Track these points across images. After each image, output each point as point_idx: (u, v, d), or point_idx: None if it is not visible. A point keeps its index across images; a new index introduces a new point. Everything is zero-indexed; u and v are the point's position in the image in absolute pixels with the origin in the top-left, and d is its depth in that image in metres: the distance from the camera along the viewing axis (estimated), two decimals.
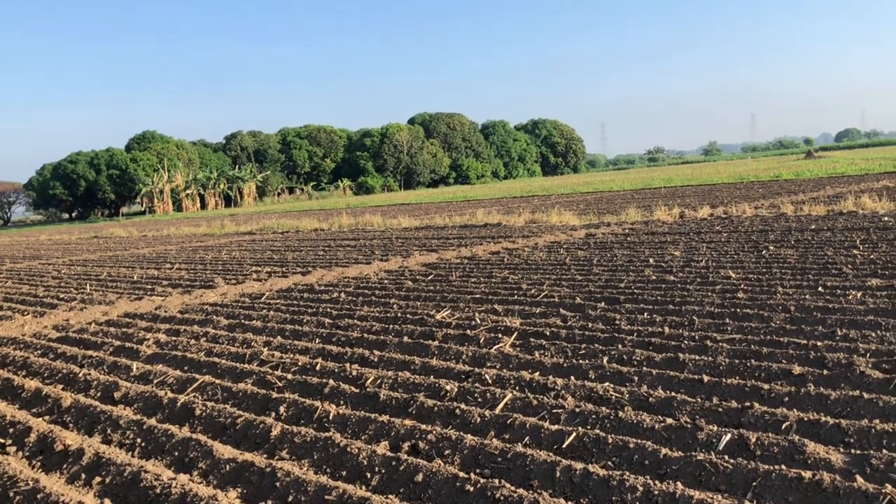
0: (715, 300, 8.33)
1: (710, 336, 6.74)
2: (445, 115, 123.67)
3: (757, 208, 20.35)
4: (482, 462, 4.45)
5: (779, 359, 5.92)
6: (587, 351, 6.70)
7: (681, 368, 5.97)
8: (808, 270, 9.79)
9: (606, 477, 3.92)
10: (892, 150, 73.79)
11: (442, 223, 25.58)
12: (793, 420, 4.55)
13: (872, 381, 5.18)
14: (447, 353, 7.14)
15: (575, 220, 21.95)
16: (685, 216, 20.15)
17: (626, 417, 4.85)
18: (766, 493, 3.70)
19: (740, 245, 13.04)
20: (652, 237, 15.77)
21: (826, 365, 5.64)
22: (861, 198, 18.64)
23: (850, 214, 16.59)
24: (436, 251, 16.46)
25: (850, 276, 9.09)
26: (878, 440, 4.19)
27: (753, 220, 17.52)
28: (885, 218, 15.16)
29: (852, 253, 10.92)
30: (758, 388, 5.23)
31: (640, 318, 7.86)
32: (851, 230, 13.73)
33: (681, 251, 12.92)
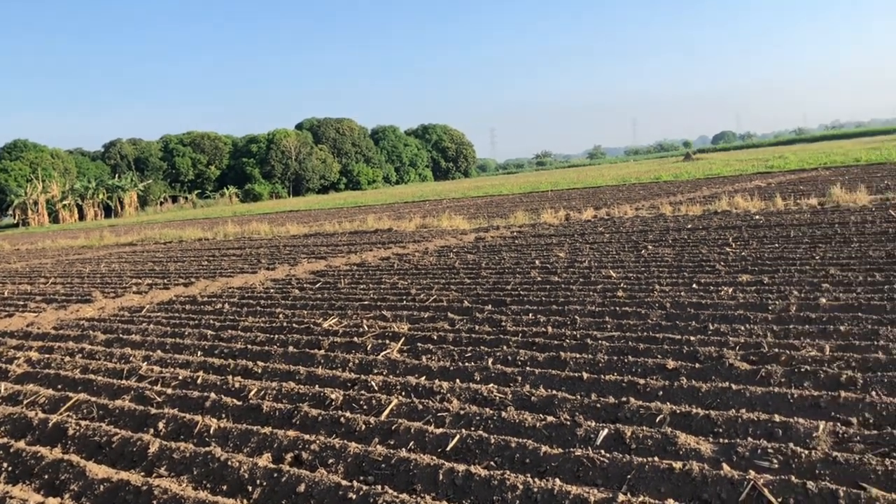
0: (596, 299, 8.60)
1: (591, 334, 6.96)
2: (334, 121, 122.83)
3: (638, 209, 21.14)
4: (366, 469, 4.44)
5: (654, 354, 6.17)
6: (473, 353, 6.78)
7: (562, 367, 6.13)
8: (683, 268, 10.25)
9: (488, 477, 3.99)
10: (765, 152, 78.11)
11: (332, 230, 25.38)
12: (666, 413, 4.75)
13: (740, 372, 5.47)
14: (333, 361, 7.09)
15: (465, 224, 22.21)
16: (570, 218, 20.71)
17: (508, 417, 4.95)
18: (640, 485, 3.85)
19: (621, 245, 13.51)
20: (539, 239, 16.13)
21: (698, 359, 5.91)
22: (734, 197, 19.64)
23: (724, 214, 17.46)
24: (325, 258, 16.31)
25: (723, 273, 9.56)
26: (745, 429, 4.43)
27: (634, 220, 18.19)
28: (756, 216, 16.02)
29: (725, 250, 11.50)
30: (634, 383, 5.43)
31: (526, 318, 8.03)
32: (725, 229, 14.45)
33: (565, 252, 13.27)
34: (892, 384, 4.87)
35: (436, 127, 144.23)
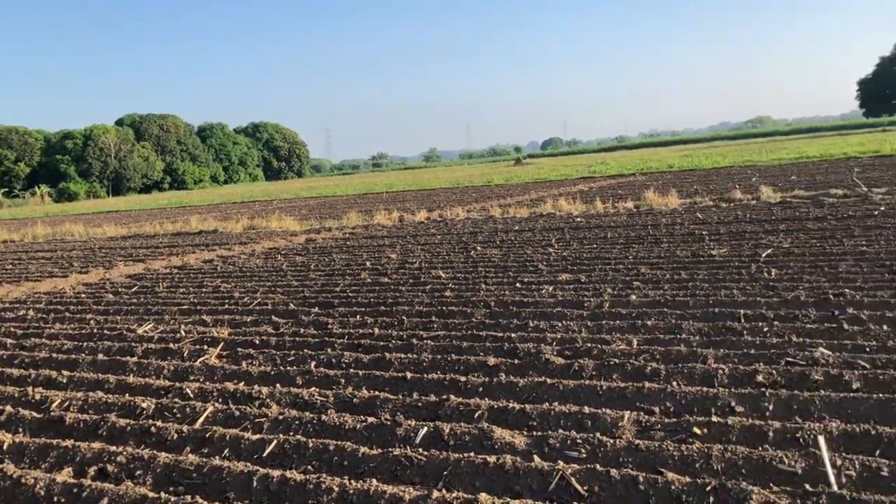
0: (424, 299, 8.71)
1: (417, 334, 7.04)
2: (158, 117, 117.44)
3: (469, 211, 21.64)
4: (176, 479, 4.26)
5: (477, 352, 6.32)
6: (296, 357, 6.68)
7: (387, 368, 6.16)
8: (509, 268, 10.58)
9: (304, 481, 3.93)
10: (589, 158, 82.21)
11: (153, 231, 24.23)
12: (485, 409, 4.88)
13: (556, 367, 5.71)
14: (147, 368, 6.76)
15: (296, 225, 21.87)
16: (404, 220, 20.88)
17: (329, 420, 4.90)
18: (455, 481, 3.93)
19: (452, 246, 13.77)
20: (371, 241, 16.15)
21: (518, 355, 6.12)
22: (559, 201, 20.52)
23: (549, 216, 18.20)
24: (143, 261, 15.54)
25: (545, 272, 9.95)
26: (557, 421, 4.62)
27: (465, 222, 18.61)
28: (578, 219, 16.82)
29: (548, 251, 11.98)
30: (456, 380, 5.54)
31: (353, 320, 8.00)
32: (549, 230, 15.07)
33: (397, 254, 13.36)
34: (691, 374, 5.24)
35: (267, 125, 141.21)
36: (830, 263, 8.80)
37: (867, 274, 8.12)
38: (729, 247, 10.76)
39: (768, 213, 14.33)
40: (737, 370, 5.20)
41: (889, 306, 6.63)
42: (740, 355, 5.57)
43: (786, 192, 17.83)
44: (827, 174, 23.34)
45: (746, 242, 11.03)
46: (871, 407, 4.40)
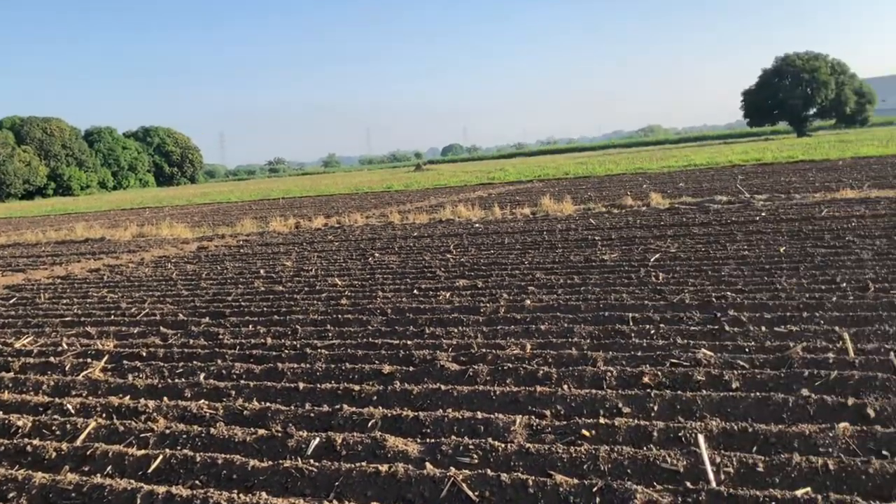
0: (320, 308, 8.63)
1: (311, 343, 6.97)
2: (41, 120, 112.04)
3: (368, 218, 21.58)
4: (53, 500, 4.07)
5: (372, 360, 6.31)
6: (185, 369, 6.50)
7: (279, 378, 6.07)
8: (406, 275, 10.60)
9: (190, 497, 3.83)
10: (489, 164, 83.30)
11: (34, 239, 23.12)
12: (378, 417, 4.87)
13: (451, 373, 5.75)
14: (24, 384, 6.44)
15: (188, 232, 21.30)
16: (301, 226, 20.63)
17: (218, 434, 4.79)
18: (348, 492, 3.90)
19: (349, 253, 13.69)
20: (266, 248, 15.88)
21: (413, 362, 6.13)
22: (458, 207, 20.71)
23: (448, 222, 18.35)
24: (23, 271, 14.81)
25: (443, 279, 10.02)
26: (451, 428, 4.66)
27: (364, 229, 18.54)
28: (476, 225, 17.02)
29: (446, 257, 12.07)
30: (350, 390, 5.51)
31: (245, 330, 7.85)
32: (448, 236, 15.18)
33: (293, 261, 13.19)
34: (581, 377, 5.38)
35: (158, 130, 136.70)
36: (714, 267, 9.19)
37: (748, 277, 8.52)
38: (620, 252, 11.10)
39: (657, 219, 14.86)
40: (624, 372, 5.36)
41: (767, 308, 6.97)
42: (628, 357, 5.75)
43: (674, 199, 18.53)
44: (713, 181, 24.39)
45: (636, 247, 11.40)
46: (749, 405, 4.62)
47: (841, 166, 26.38)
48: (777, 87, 72.55)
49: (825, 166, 27.14)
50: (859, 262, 8.77)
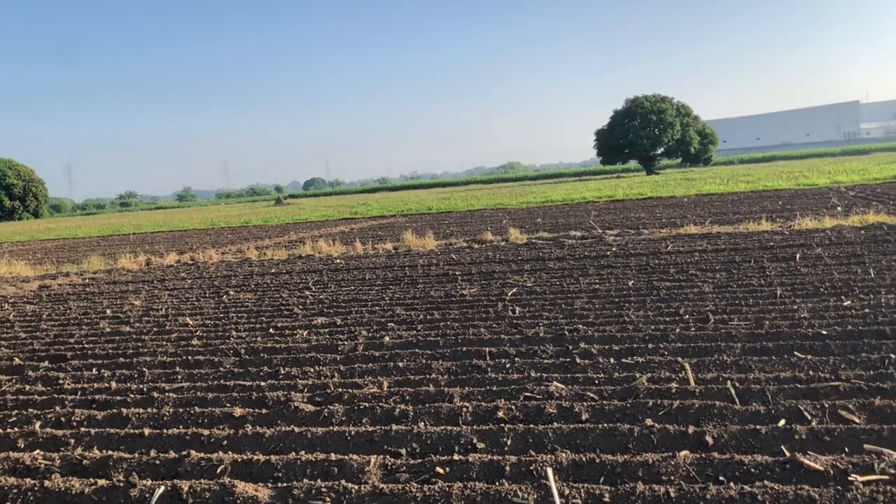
0: (169, 349, 8.31)
1: (159, 387, 6.69)
2: None
3: (224, 254, 21.02)
4: None
5: (223, 403, 6.12)
6: (19, 418, 6.09)
7: (123, 424, 5.78)
8: (262, 313, 10.39)
9: None
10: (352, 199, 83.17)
11: None
12: (228, 463, 4.72)
13: (305, 414, 5.66)
14: None
15: (29, 270, 20.04)
16: (152, 263, 19.84)
17: (53, 486, 4.50)
18: None
19: (203, 291, 13.28)
20: (114, 287, 15.16)
21: (266, 404, 6.00)
22: (318, 242, 20.52)
23: (308, 258, 18.14)
24: None
25: (300, 317, 9.88)
26: (304, 471, 4.57)
27: (219, 265, 18.03)
28: (337, 260, 16.91)
29: (305, 294, 11.92)
30: (199, 434, 5.32)
31: (88, 374, 7.45)
32: (307, 273, 15.00)
33: (142, 300, 12.65)
34: (437, 414, 5.42)
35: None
36: (567, 301, 9.52)
37: (598, 310, 8.88)
38: (479, 286, 11.32)
39: (516, 254, 15.27)
40: (480, 407, 5.45)
41: (616, 340, 7.28)
42: (484, 392, 5.85)
43: (531, 234, 19.12)
44: (568, 217, 25.35)
45: (495, 282, 11.66)
46: (598, 436, 4.79)
47: (686, 203, 28.02)
48: (627, 128, 76.56)
49: (671, 203, 28.76)
50: (701, 295, 9.31)
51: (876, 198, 22.97)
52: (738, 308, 8.33)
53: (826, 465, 4.05)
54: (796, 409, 4.98)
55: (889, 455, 4.15)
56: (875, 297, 8.28)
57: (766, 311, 8.12)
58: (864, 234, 13.77)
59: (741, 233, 15.92)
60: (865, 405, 4.94)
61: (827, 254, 11.84)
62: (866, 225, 15.24)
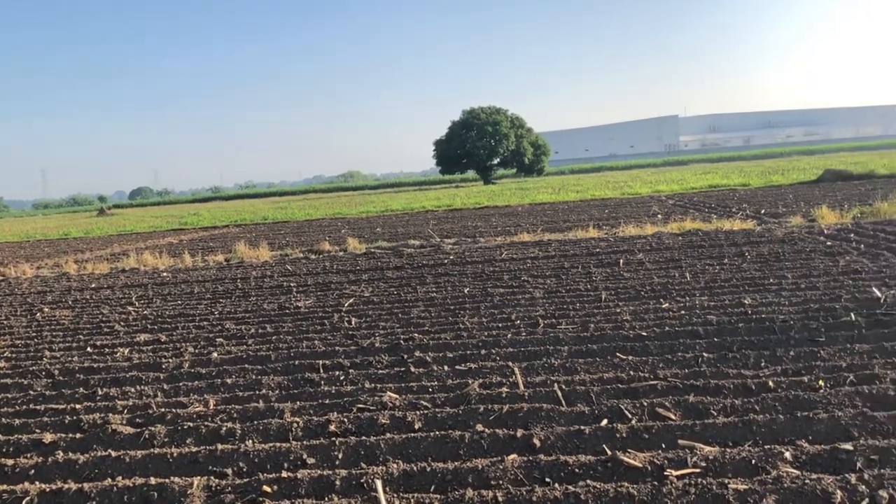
0: None
1: None
2: None
3: (39, 268, 19.66)
4: None
5: (32, 429, 5.70)
6: None
7: None
8: (80, 330, 9.77)
9: None
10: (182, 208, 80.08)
11: None
12: (34, 494, 4.38)
13: (124, 437, 5.36)
14: None
15: None
16: None
17: None
18: None
19: (13, 309, 12.34)
20: None
21: (81, 428, 5.63)
22: (144, 254, 19.58)
23: (133, 271, 17.26)
24: None
25: (122, 334, 9.38)
26: (120, 498, 4.32)
27: (33, 281, 16.84)
28: (164, 273, 16.19)
29: (127, 310, 11.32)
30: (2, 465, 4.91)
31: None
32: (131, 287, 14.27)
33: None
34: (267, 431, 5.28)
35: None
36: (404, 310, 9.57)
37: (434, 318, 8.97)
38: (315, 298, 11.17)
39: (353, 264, 15.20)
40: (311, 421, 5.36)
41: (450, 347, 7.39)
42: (316, 406, 5.76)
43: (370, 244, 19.11)
44: (407, 226, 25.55)
45: (331, 293, 11.55)
46: (430, 445, 4.82)
47: (520, 212, 28.95)
48: (465, 138, 78.21)
49: (507, 212, 29.62)
50: (532, 301, 9.62)
51: (693, 206, 24.63)
52: (566, 312, 8.67)
53: (644, 462, 4.27)
54: (618, 408, 5.23)
55: (700, 449, 4.43)
56: (690, 299, 8.85)
57: (592, 314, 8.50)
58: (681, 240, 14.71)
59: (570, 240, 16.61)
60: (680, 402, 5.25)
61: (648, 259, 12.55)
62: (683, 231, 16.30)
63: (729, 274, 10.47)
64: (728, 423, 4.80)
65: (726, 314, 7.96)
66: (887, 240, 12.56)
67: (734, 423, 4.79)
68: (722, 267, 11.18)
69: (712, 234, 15.29)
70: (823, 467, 4.15)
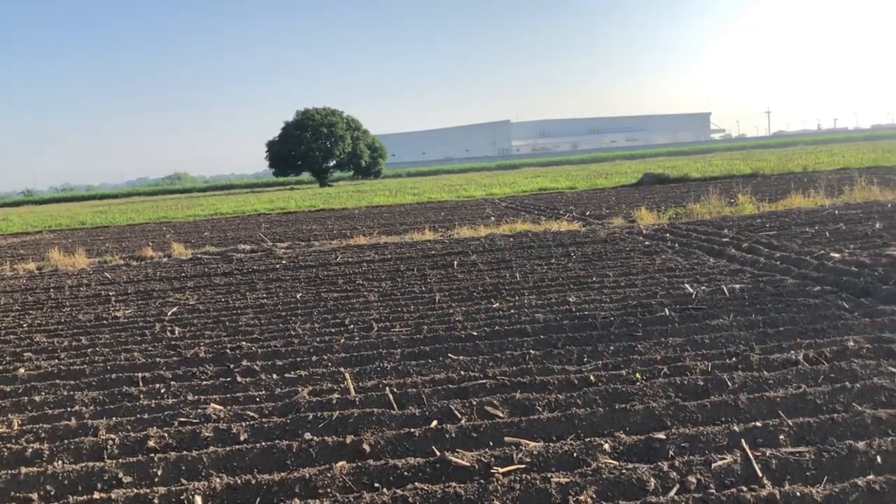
0: None
1: None
2: None
3: None
4: None
5: None
6: None
7: None
8: None
9: None
10: None
11: None
12: None
13: None
14: None
15: None
16: None
17: None
18: None
19: None
20: None
21: None
22: None
23: None
24: None
25: None
26: None
27: None
28: None
29: None
30: None
31: None
32: None
33: None
34: (79, 450, 4.97)
35: None
36: (232, 318, 9.30)
37: (264, 325, 8.78)
38: (136, 307, 10.65)
39: (179, 271, 14.62)
40: (128, 438, 5.09)
41: (280, 355, 7.24)
42: (134, 421, 5.48)
43: (197, 249, 18.45)
44: (238, 230, 24.86)
45: (154, 301, 11.05)
46: (255, 456, 4.70)
47: (357, 215, 28.88)
48: (299, 140, 77.05)
49: (343, 215, 29.47)
50: (366, 304, 9.60)
51: (524, 208, 25.47)
52: (400, 315, 8.72)
53: (472, 461, 4.34)
54: (448, 409, 5.30)
55: (526, 445, 4.56)
56: (520, 299, 9.13)
57: (426, 316, 8.59)
58: (512, 241, 15.16)
59: (406, 242, 16.74)
60: (508, 400, 5.39)
61: (481, 260, 12.85)
62: (515, 233, 16.82)
63: (556, 273, 10.89)
64: (552, 418, 4.97)
65: (553, 312, 8.26)
66: (699, 239, 13.49)
67: (558, 417, 4.97)
68: (550, 267, 11.61)
69: (541, 236, 15.86)
70: (639, 457, 4.38)
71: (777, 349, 6.29)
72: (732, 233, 13.90)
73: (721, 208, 18.27)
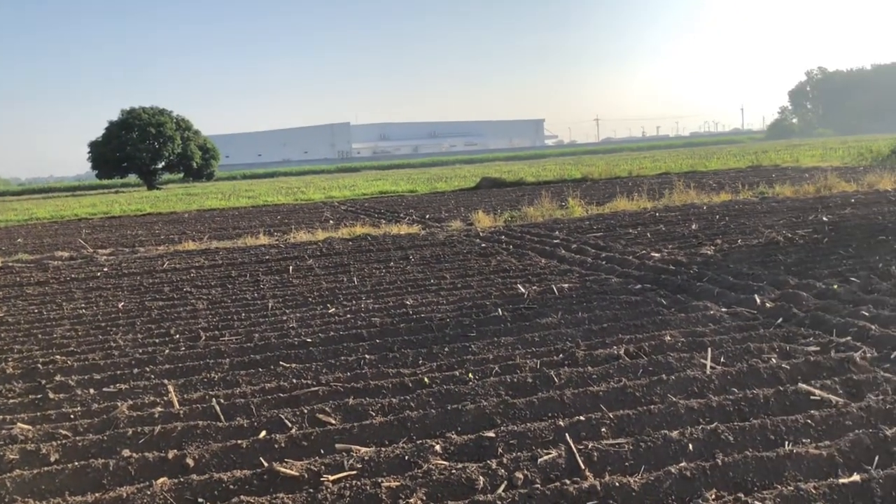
0: None
1: None
2: None
3: None
4: None
5: None
6: None
7: None
8: None
9: None
10: None
11: None
12: None
13: None
14: None
15: None
16: None
17: None
18: None
19: None
20: None
21: None
22: None
23: None
24: None
25: None
26: None
27: None
28: None
29: None
30: None
31: None
32: None
33: None
34: None
35: None
36: (46, 330, 8.74)
37: (82, 337, 8.29)
38: None
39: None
40: None
41: (98, 368, 6.86)
42: None
43: (8, 257, 17.18)
44: (56, 236, 23.40)
45: None
46: (67, 477, 4.42)
47: (187, 219, 27.86)
48: (125, 140, 73.44)
49: (172, 219, 28.35)
50: (194, 313, 9.28)
51: (364, 211, 25.44)
52: (230, 323, 8.48)
53: (301, 470, 4.27)
54: (278, 418, 5.19)
55: (357, 451, 4.54)
56: (357, 303, 9.11)
57: (258, 324, 8.40)
58: (351, 245, 15.11)
59: (239, 247, 16.32)
60: (341, 406, 5.35)
61: (318, 265, 12.71)
62: (354, 236, 16.75)
63: (394, 276, 10.94)
64: (385, 422, 4.98)
65: (389, 315, 8.29)
66: (532, 241, 13.95)
67: (391, 421, 4.98)
68: (388, 270, 11.65)
69: (381, 239, 15.89)
70: (470, 456, 4.46)
71: (601, 345, 6.59)
72: (563, 234, 14.48)
73: (553, 211, 18.99)
